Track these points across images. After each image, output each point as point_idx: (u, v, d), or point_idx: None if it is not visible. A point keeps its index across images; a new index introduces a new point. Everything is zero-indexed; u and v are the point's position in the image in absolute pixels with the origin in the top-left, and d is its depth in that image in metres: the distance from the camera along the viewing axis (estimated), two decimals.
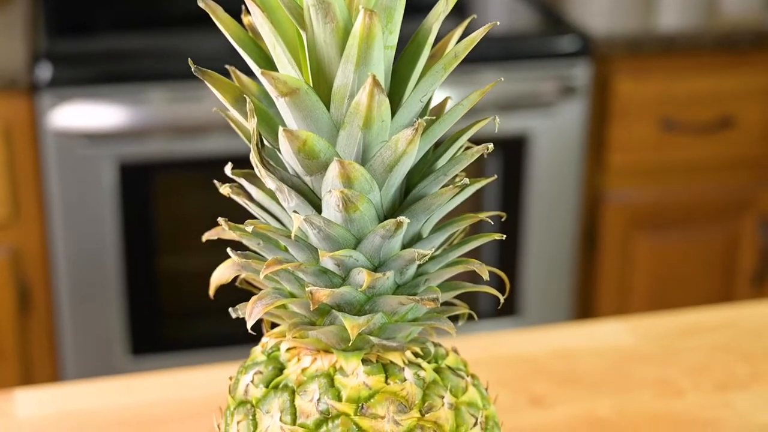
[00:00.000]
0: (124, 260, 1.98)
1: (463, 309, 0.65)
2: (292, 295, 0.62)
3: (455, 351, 0.67)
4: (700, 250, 2.22)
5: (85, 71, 1.92)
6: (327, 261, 0.60)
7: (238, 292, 0.67)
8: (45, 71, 1.87)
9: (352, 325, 0.59)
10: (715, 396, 1.02)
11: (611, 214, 2.17)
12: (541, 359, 1.07)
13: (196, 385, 1.02)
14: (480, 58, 2.05)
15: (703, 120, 2.14)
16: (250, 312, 0.60)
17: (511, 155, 2.11)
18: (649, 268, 2.21)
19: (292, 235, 0.59)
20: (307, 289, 0.58)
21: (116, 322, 2.00)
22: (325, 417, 0.61)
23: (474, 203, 2.12)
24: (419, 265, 0.62)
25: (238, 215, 0.65)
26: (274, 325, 0.66)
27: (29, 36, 2.02)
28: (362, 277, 0.59)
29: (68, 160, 1.91)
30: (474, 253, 0.63)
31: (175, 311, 2.10)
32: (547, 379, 1.04)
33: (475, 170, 2.10)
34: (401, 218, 0.58)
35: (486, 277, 0.60)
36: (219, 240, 0.66)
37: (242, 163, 0.62)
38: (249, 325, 0.60)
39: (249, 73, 0.63)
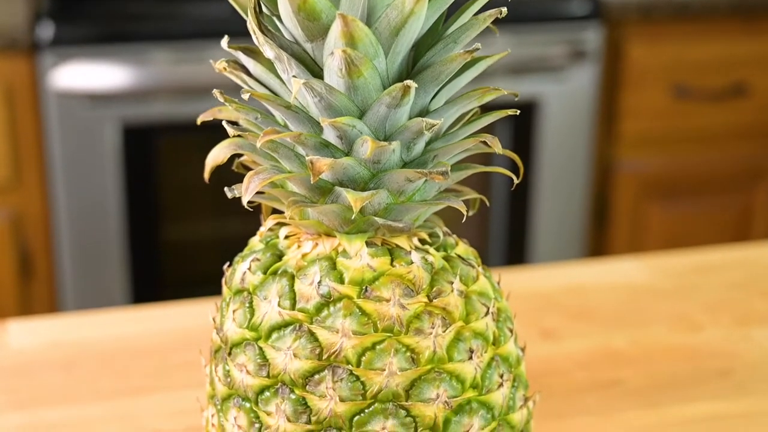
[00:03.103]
0: (127, 225, 1.95)
1: (473, 194, 0.61)
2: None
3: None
4: (712, 220, 2.18)
5: (88, 30, 1.89)
6: (328, 132, 0.57)
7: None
8: (47, 30, 1.84)
9: (355, 198, 0.55)
10: (734, 330, 0.98)
11: (622, 183, 2.13)
12: (552, 294, 1.03)
13: (195, 315, 0.99)
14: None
15: (716, 87, 2.10)
16: (246, 187, 0.56)
17: (520, 121, 2.07)
18: (660, 239, 2.17)
19: (292, 98, 0.55)
20: (307, 158, 0.55)
21: (118, 287, 1.97)
22: (327, 300, 0.57)
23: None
24: (427, 143, 0.58)
25: (242, 178, 0.62)
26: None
27: None
28: (366, 146, 0.55)
29: (70, 122, 1.88)
30: (483, 218, 0.60)
31: (177, 275, 2.06)
32: (559, 313, 1.00)
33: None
34: (408, 82, 0.54)
35: (499, 150, 0.56)
36: (224, 205, 0.62)
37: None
38: (245, 201, 0.56)
39: None
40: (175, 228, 2.04)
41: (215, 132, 0.60)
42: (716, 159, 2.16)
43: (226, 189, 0.59)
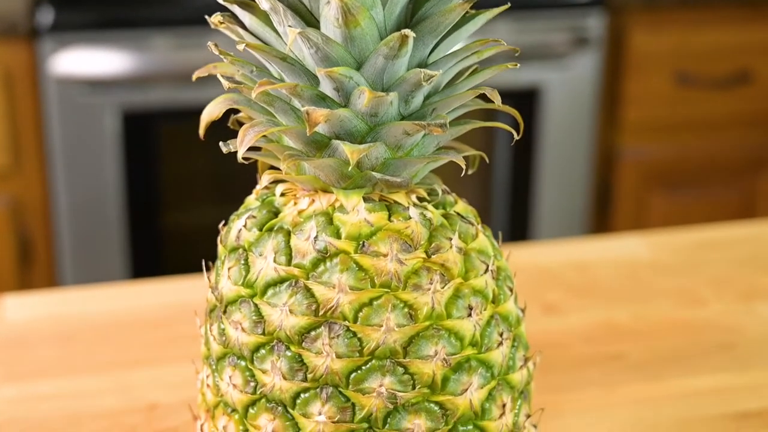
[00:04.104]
0: (127, 211, 1.94)
1: (473, 151, 0.60)
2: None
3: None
4: (715, 208, 2.17)
5: (88, 16, 1.88)
6: (325, 85, 0.56)
7: None
8: (46, 15, 1.83)
9: (352, 150, 0.54)
10: (738, 305, 0.97)
11: (625, 171, 2.12)
12: (554, 269, 1.02)
13: (193, 289, 0.98)
14: (492, 6, 2.00)
15: (720, 74, 2.09)
16: (241, 139, 0.55)
17: (522, 108, 2.06)
18: (663, 226, 2.16)
19: (287, 49, 0.54)
20: (303, 108, 0.53)
21: (118, 274, 1.96)
22: (323, 256, 0.56)
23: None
24: (426, 97, 0.57)
25: (244, 168, 0.61)
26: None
27: None
28: (363, 97, 0.54)
29: (70, 108, 1.87)
30: (484, 205, 0.59)
31: (178, 262, 2.05)
32: (561, 288, 0.99)
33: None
34: (406, 31, 0.53)
35: (498, 102, 0.55)
36: (225, 193, 0.61)
37: None
38: (240, 154, 0.55)
39: None
40: (176, 215, 2.03)
41: (215, 120, 0.59)
42: (719, 147, 2.15)
43: (221, 143, 0.58)
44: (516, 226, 2.12)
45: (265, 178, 0.59)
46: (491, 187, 2.10)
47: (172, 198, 2.01)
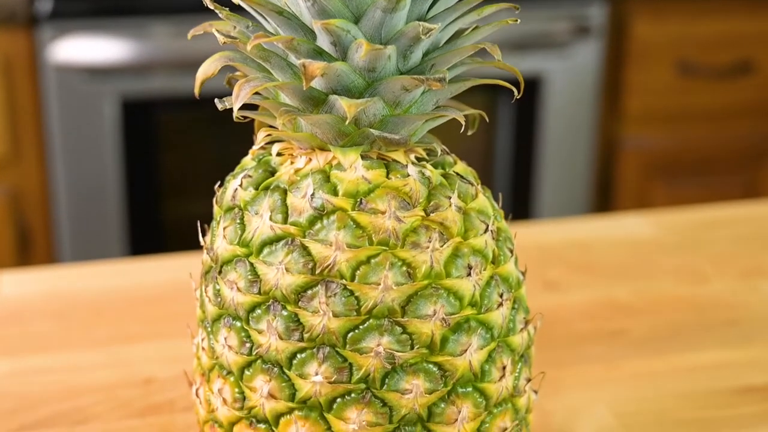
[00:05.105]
0: (127, 200, 1.93)
1: (472, 110, 0.59)
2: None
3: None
4: (717, 199, 2.16)
5: (87, 3, 1.87)
6: (322, 39, 0.55)
7: None
8: (45, 3, 1.82)
9: (350, 104, 0.53)
10: (741, 282, 0.96)
11: (627, 161, 2.11)
12: (555, 248, 1.01)
13: (191, 266, 0.97)
14: None
15: (722, 64, 2.08)
16: (236, 94, 0.54)
17: (523, 97, 2.05)
18: None
19: (284, 3, 0.53)
20: (299, 61, 0.53)
21: None
22: (320, 213, 0.55)
23: (486, 146, 2.07)
24: (425, 54, 0.57)
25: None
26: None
27: None
28: (361, 50, 0.53)
29: (69, 96, 1.86)
30: None
31: (178, 251, 2.04)
32: (562, 265, 0.98)
33: (487, 111, 2.05)
34: None
35: (498, 56, 0.54)
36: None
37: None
38: (236, 109, 0.54)
39: None
40: (175, 203, 2.02)
41: (216, 108, 0.58)
42: (722, 137, 2.14)
43: (216, 100, 0.57)
44: (518, 215, 2.11)
45: (260, 135, 0.58)
46: (492, 177, 2.09)
47: (171, 186, 2.01)
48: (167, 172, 1.99)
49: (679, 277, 0.97)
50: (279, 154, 0.58)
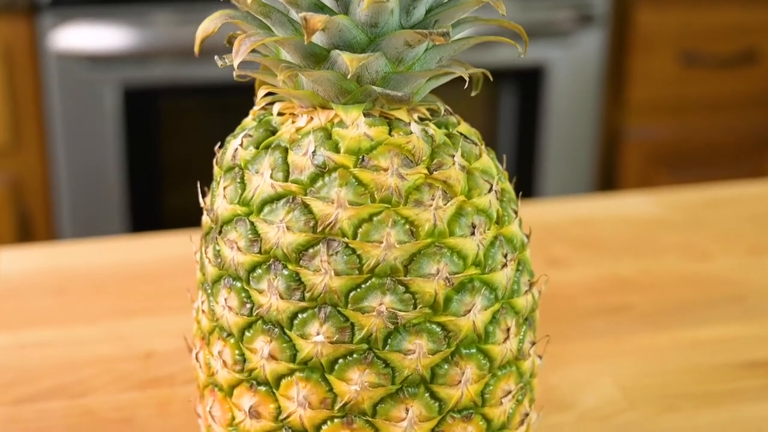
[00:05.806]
0: (128, 188, 1.92)
1: (475, 69, 0.58)
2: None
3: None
4: None
5: None
6: None
7: None
8: None
9: (352, 58, 0.52)
10: (746, 259, 0.95)
11: (630, 151, 2.10)
12: (559, 225, 1.01)
13: (191, 243, 0.96)
14: None
15: (725, 53, 2.07)
16: (237, 49, 0.53)
17: (526, 86, 2.04)
18: None
19: None
20: (300, 14, 0.52)
21: None
22: (321, 171, 0.54)
23: (488, 136, 2.06)
24: (428, 10, 0.56)
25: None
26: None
27: None
28: (363, 3, 0.52)
29: (70, 84, 1.86)
30: None
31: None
32: (566, 243, 0.98)
33: (490, 101, 2.04)
34: None
35: (503, 11, 0.54)
36: None
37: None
38: (236, 65, 0.53)
39: None
40: (176, 191, 2.01)
41: (218, 96, 0.57)
42: (725, 126, 2.13)
43: (216, 57, 0.56)
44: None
45: (261, 93, 0.57)
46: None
47: (172, 175, 2.00)
48: (168, 161, 1.98)
49: (684, 255, 0.96)
50: (280, 114, 0.58)
